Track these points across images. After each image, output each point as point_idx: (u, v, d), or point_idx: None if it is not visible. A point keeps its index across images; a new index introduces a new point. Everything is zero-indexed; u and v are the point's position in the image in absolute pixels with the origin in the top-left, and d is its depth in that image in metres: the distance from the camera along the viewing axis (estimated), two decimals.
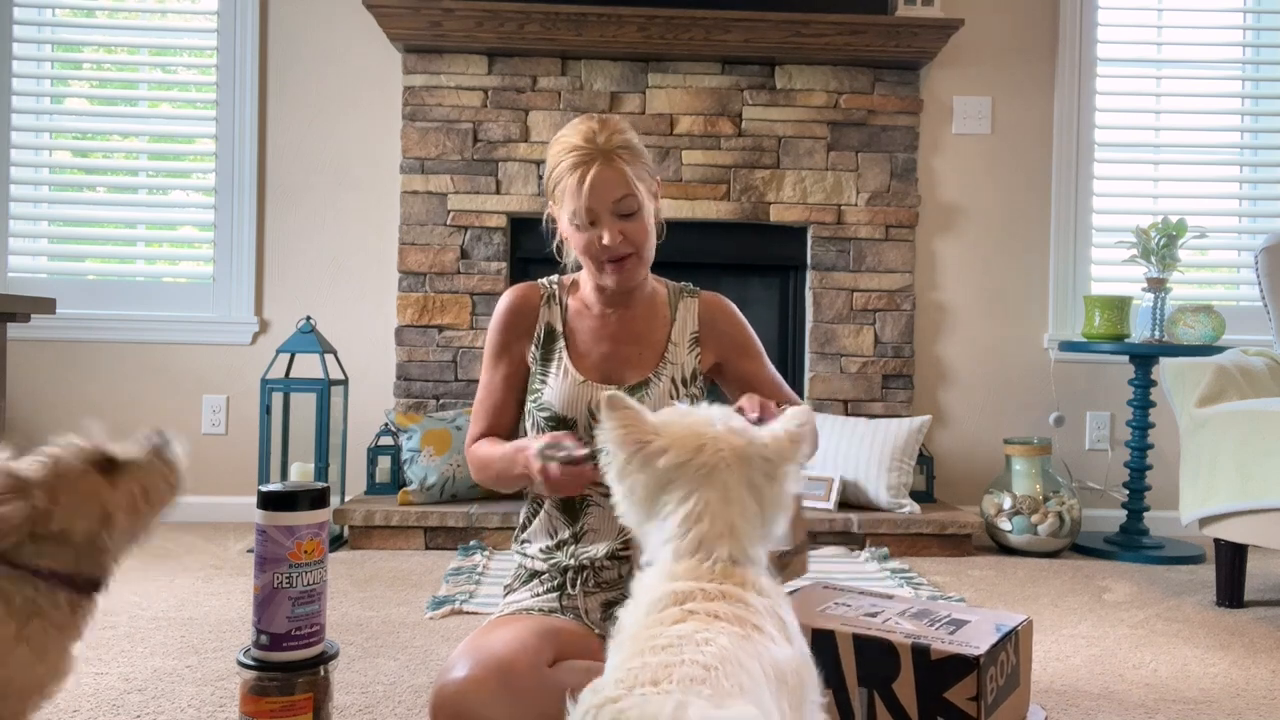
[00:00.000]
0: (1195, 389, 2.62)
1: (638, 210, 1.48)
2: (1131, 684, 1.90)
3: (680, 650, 0.79)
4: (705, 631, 0.83)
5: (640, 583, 0.96)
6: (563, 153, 1.49)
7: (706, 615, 0.87)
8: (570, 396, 1.55)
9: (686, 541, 0.96)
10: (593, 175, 1.45)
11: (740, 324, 1.66)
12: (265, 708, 1.26)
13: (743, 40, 3.35)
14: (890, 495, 3.16)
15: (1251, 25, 3.72)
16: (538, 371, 1.60)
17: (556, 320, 1.62)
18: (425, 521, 3.03)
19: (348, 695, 1.73)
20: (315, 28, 3.53)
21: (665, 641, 0.81)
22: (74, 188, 3.66)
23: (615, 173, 1.45)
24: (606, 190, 1.46)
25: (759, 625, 0.89)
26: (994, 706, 1.24)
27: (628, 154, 1.47)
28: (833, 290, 3.51)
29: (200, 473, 3.43)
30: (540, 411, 1.57)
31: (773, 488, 1.00)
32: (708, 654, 0.78)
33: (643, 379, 1.56)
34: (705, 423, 1.02)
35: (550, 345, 1.60)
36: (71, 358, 3.48)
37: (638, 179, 1.47)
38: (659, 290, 1.65)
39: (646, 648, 0.81)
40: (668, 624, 0.85)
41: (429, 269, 3.44)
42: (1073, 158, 3.62)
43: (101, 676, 1.80)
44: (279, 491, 1.29)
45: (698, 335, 1.61)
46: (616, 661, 0.83)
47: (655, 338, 1.60)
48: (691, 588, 0.90)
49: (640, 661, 0.78)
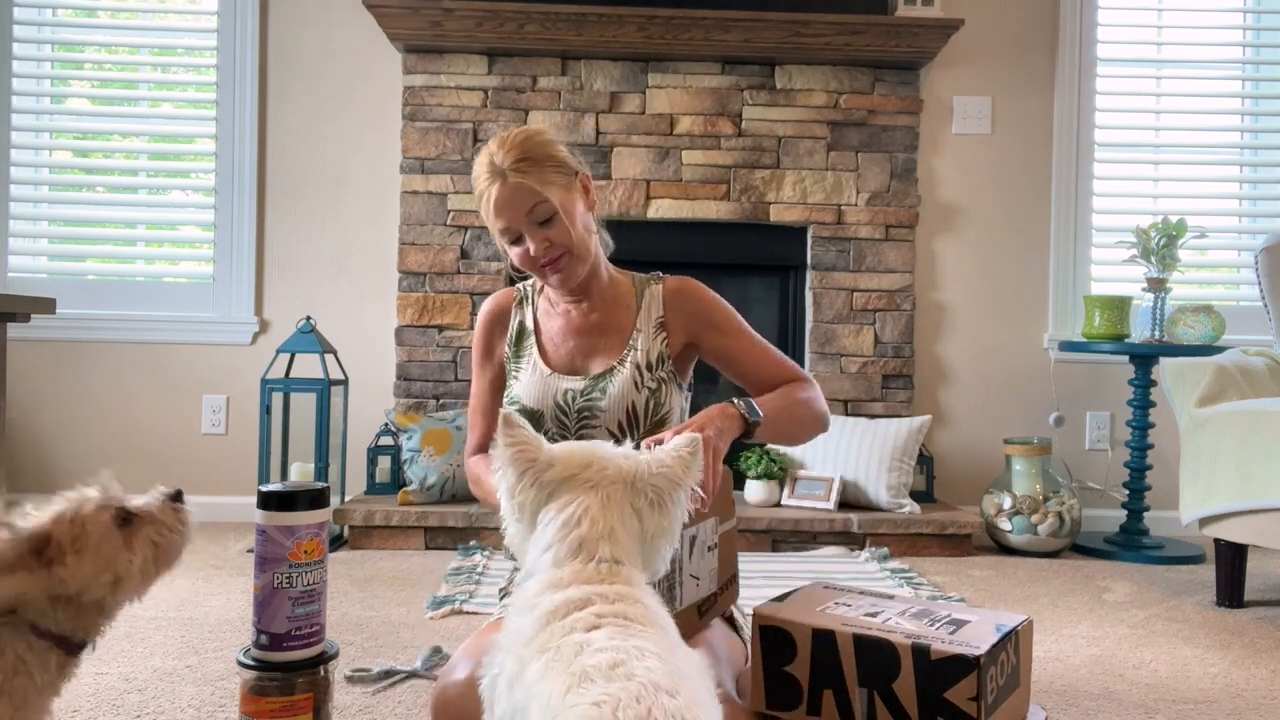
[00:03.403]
0: (1195, 389, 2.62)
1: (555, 214, 1.51)
2: (1131, 684, 1.90)
3: (630, 669, 0.77)
4: (632, 640, 0.82)
5: (523, 591, 0.96)
6: (475, 181, 1.55)
7: (617, 618, 0.86)
8: (537, 390, 1.58)
9: (566, 545, 0.97)
10: (495, 196, 1.50)
11: (708, 301, 1.65)
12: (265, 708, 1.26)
13: (743, 40, 3.35)
14: (890, 495, 3.16)
15: (1251, 25, 3.72)
16: (511, 369, 1.64)
17: (528, 319, 1.66)
18: (425, 521, 3.03)
19: (348, 695, 1.73)
20: (315, 28, 3.53)
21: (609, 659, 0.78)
22: (74, 188, 3.66)
23: (516, 187, 1.49)
24: (514, 206, 1.50)
25: (665, 626, 0.89)
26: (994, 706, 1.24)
27: (526, 164, 1.50)
28: (833, 290, 3.51)
29: (200, 473, 3.43)
30: (511, 404, 1.60)
31: (655, 514, 1.01)
32: (658, 672, 0.77)
33: (607, 367, 1.58)
34: (597, 446, 1.05)
35: (521, 343, 1.65)
36: (71, 358, 3.48)
37: (544, 185, 1.50)
38: (622, 282, 1.67)
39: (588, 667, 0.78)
40: (581, 630, 0.84)
41: (429, 269, 3.44)
42: (1073, 157, 3.62)
43: (101, 676, 1.80)
44: (279, 491, 1.29)
45: (663, 319, 1.62)
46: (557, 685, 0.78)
47: (620, 327, 1.62)
48: (588, 593, 0.90)
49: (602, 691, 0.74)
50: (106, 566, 1.05)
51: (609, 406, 1.53)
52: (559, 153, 1.55)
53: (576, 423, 1.55)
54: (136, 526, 1.08)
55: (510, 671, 0.87)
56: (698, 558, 1.32)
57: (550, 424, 1.56)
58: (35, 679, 1.03)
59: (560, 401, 1.56)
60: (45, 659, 1.04)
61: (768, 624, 1.34)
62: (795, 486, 3.21)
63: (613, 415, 1.54)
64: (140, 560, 1.08)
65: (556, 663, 0.81)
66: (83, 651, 1.09)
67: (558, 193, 1.51)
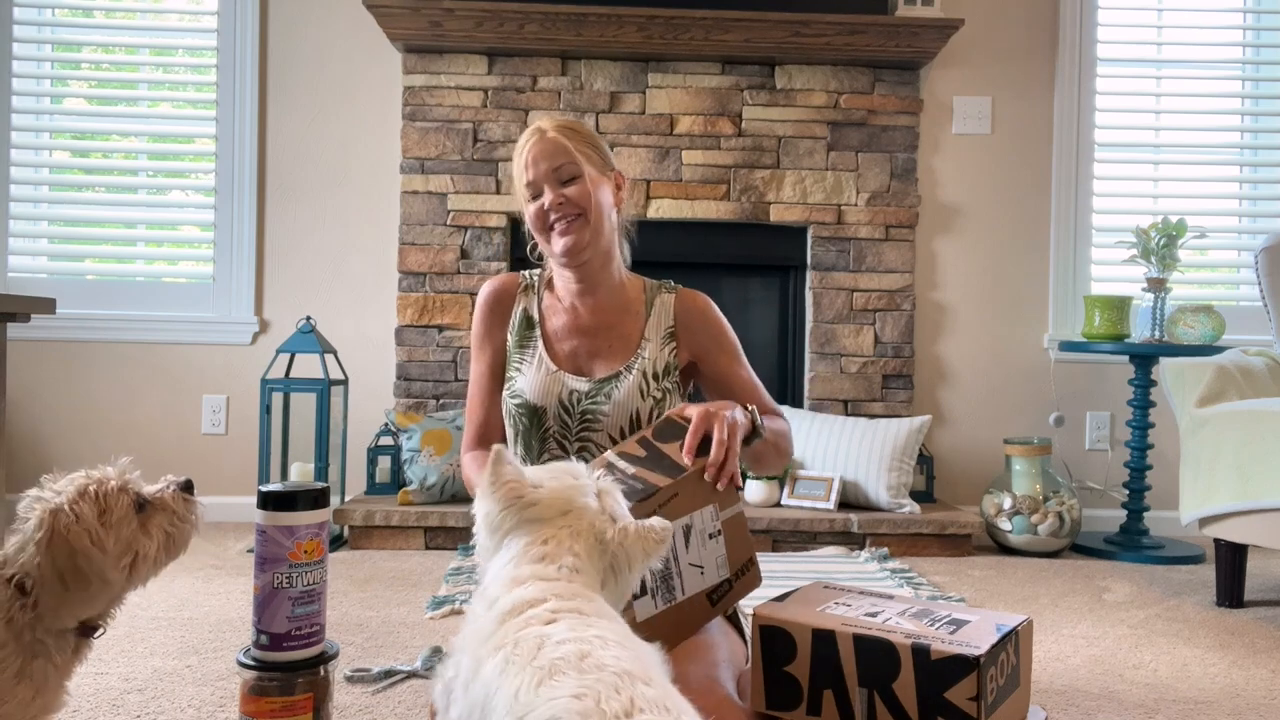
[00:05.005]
0: (1195, 389, 2.62)
1: (579, 176, 1.54)
2: (1131, 684, 1.90)
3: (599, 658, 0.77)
4: (591, 630, 0.83)
5: (483, 592, 0.97)
6: (517, 147, 1.61)
7: (572, 613, 0.87)
8: (542, 386, 1.56)
9: (531, 554, 0.98)
10: (530, 147, 1.56)
11: (718, 322, 1.65)
12: (265, 708, 1.26)
13: (743, 40, 3.35)
14: (890, 495, 3.16)
15: (1251, 25, 3.72)
16: (513, 359, 1.62)
17: (533, 309, 1.65)
18: (425, 521, 3.03)
19: (348, 695, 1.73)
20: (315, 28, 3.53)
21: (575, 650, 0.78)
22: (74, 188, 3.66)
23: (551, 143, 1.55)
24: (544, 160, 1.55)
25: (617, 619, 0.90)
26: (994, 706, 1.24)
27: (568, 131, 1.56)
28: (833, 290, 3.51)
29: (200, 473, 3.43)
30: (513, 399, 1.59)
31: (615, 577, 1.02)
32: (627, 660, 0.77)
33: (613, 372, 1.57)
34: (581, 491, 1.05)
35: (526, 333, 1.63)
36: (71, 358, 3.48)
37: (579, 151, 1.55)
38: (632, 284, 1.66)
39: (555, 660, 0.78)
40: (539, 625, 0.85)
41: (429, 269, 3.44)
42: (1073, 158, 3.62)
43: (101, 676, 1.80)
44: (279, 491, 1.29)
45: (673, 330, 1.61)
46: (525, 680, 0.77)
47: (627, 331, 1.61)
48: (544, 590, 0.91)
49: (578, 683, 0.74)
50: (128, 548, 1.07)
51: (612, 412, 1.53)
52: (601, 144, 1.61)
53: (578, 424, 1.55)
54: (151, 513, 1.11)
55: (467, 670, 0.87)
56: (696, 546, 1.32)
57: (552, 422, 1.55)
58: (53, 659, 1.06)
59: (565, 401, 1.55)
60: (63, 641, 1.07)
61: (768, 624, 1.34)
62: (795, 486, 3.21)
63: (615, 421, 1.53)
64: (154, 546, 1.10)
65: (517, 657, 0.81)
66: (95, 635, 1.11)
67: (588, 166, 1.55)
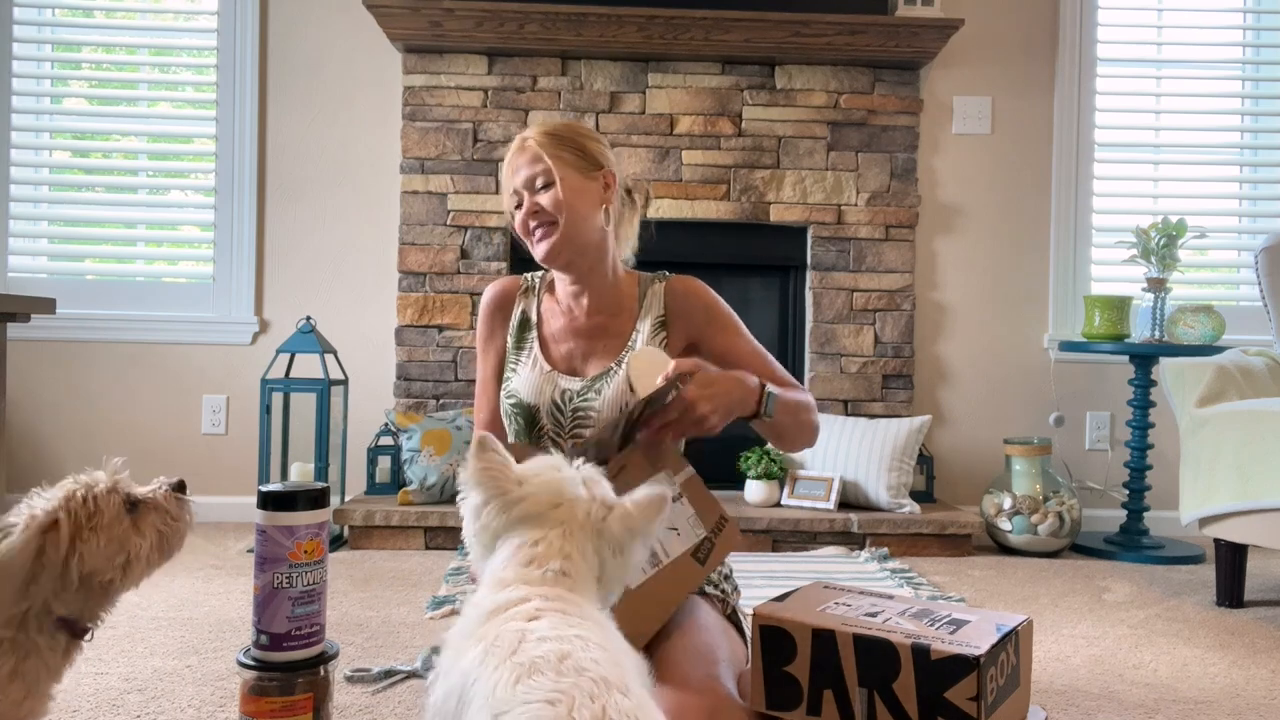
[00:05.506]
0: (1195, 389, 2.62)
1: (553, 183, 1.55)
2: (1131, 684, 1.90)
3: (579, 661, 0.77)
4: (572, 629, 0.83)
5: (473, 597, 0.98)
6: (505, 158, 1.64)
7: (555, 612, 0.88)
8: (536, 386, 1.58)
9: (520, 557, 0.99)
10: (511, 159, 1.60)
11: (709, 300, 1.65)
12: (265, 708, 1.26)
13: (743, 40, 3.35)
14: (890, 495, 3.16)
15: (1251, 25, 3.72)
16: (510, 359, 1.64)
17: (532, 310, 1.67)
18: (425, 521, 3.03)
19: (348, 695, 1.73)
20: (315, 28, 3.53)
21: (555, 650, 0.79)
22: (74, 188, 3.66)
23: (529, 152, 1.57)
24: (524, 168, 1.57)
25: (600, 622, 0.91)
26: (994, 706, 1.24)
27: (546, 139, 1.57)
28: (833, 290, 3.51)
29: (200, 473, 3.43)
30: (508, 399, 1.60)
31: (616, 559, 1.02)
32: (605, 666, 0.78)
33: (604, 369, 1.58)
34: (569, 482, 1.05)
35: (523, 334, 1.65)
36: (71, 358, 3.48)
37: (553, 158, 1.55)
38: (628, 283, 1.67)
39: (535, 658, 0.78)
40: (521, 620, 0.86)
41: (429, 269, 3.44)
42: (1073, 158, 3.62)
43: (101, 676, 1.80)
44: (279, 491, 1.29)
45: (664, 319, 1.61)
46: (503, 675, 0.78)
47: (620, 330, 1.62)
48: (528, 592, 0.92)
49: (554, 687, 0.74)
50: (120, 548, 1.08)
51: (603, 408, 1.54)
52: (588, 145, 1.60)
53: (571, 422, 1.55)
54: (143, 513, 1.11)
55: (449, 658, 0.88)
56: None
57: (546, 421, 1.56)
58: (46, 662, 1.06)
59: (557, 400, 1.56)
60: (55, 642, 1.07)
61: (768, 624, 1.34)
62: (795, 486, 3.21)
63: (606, 417, 1.54)
64: (147, 545, 1.10)
65: (497, 649, 0.81)
66: (84, 639, 1.11)
67: (565, 170, 1.55)
